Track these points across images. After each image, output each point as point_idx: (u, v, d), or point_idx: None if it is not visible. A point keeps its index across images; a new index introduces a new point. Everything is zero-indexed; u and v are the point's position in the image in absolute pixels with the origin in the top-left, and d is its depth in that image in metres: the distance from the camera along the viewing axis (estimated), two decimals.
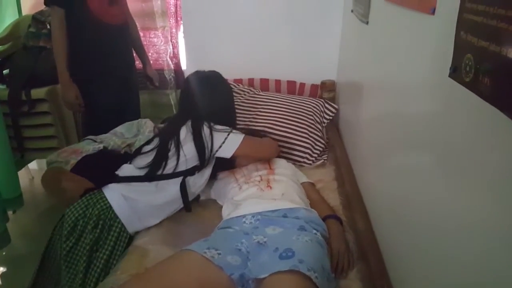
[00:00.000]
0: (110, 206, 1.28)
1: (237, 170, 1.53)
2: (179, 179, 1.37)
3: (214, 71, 1.59)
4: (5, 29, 2.31)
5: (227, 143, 1.40)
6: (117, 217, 1.29)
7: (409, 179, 0.98)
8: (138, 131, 1.55)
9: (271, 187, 1.32)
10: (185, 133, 1.38)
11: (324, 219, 1.27)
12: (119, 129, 1.57)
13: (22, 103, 2.10)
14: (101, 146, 1.42)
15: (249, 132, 1.63)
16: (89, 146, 1.41)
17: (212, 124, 1.41)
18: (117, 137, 1.51)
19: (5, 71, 2.23)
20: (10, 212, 2.26)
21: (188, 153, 1.36)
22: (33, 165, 2.75)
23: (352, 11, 1.85)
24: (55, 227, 1.34)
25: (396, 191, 1.09)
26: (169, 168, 1.35)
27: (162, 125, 1.55)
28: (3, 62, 2.24)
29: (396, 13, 1.11)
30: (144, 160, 1.36)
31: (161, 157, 1.35)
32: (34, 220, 2.31)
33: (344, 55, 2.16)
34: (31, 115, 2.13)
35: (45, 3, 1.79)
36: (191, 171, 1.39)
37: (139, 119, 1.61)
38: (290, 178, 1.44)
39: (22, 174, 2.51)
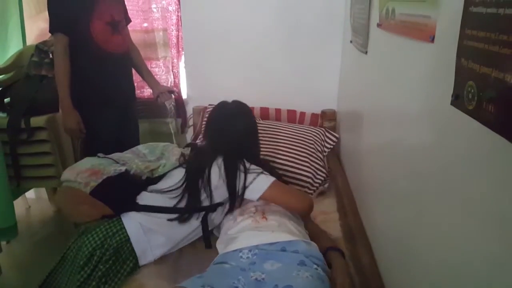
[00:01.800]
0: (129, 239, 1.22)
1: None
2: (201, 213, 1.32)
3: (241, 103, 1.52)
4: (8, 59, 2.33)
5: (255, 184, 1.32)
6: (134, 252, 1.23)
7: (412, 210, 0.95)
8: (162, 154, 1.49)
9: (266, 218, 1.27)
10: (217, 171, 1.31)
11: (325, 252, 1.21)
12: (142, 148, 1.52)
13: (21, 131, 2.09)
14: (123, 168, 1.34)
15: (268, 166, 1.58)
16: (110, 167, 1.34)
17: (247, 164, 1.35)
18: (140, 158, 1.45)
19: (6, 100, 2.24)
20: (3, 243, 2.21)
21: (218, 191, 1.31)
22: (30, 194, 2.72)
23: (351, 41, 1.86)
24: (63, 256, 1.26)
25: (398, 222, 1.05)
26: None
27: (186, 151, 1.50)
28: (5, 90, 2.25)
29: (395, 42, 1.11)
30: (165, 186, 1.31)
31: (192, 196, 1.29)
32: (28, 250, 2.25)
33: (344, 84, 2.16)
34: (29, 143, 2.11)
35: (50, 31, 1.82)
36: (214, 207, 1.33)
37: (166, 143, 1.56)
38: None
39: (19, 203, 2.48)
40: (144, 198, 1.30)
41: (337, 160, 2.10)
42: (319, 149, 1.98)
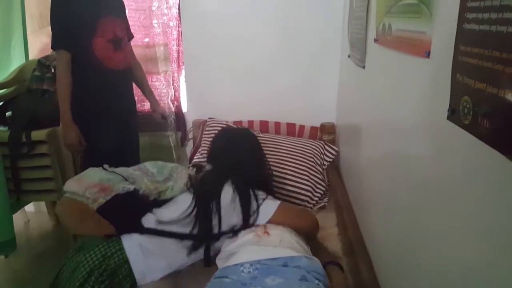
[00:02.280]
0: (127, 260, 1.20)
1: None
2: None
3: (247, 130, 1.57)
4: (11, 73, 2.36)
5: (263, 208, 1.33)
6: (132, 274, 1.21)
7: (411, 222, 0.95)
8: (171, 175, 1.44)
9: (268, 233, 1.27)
10: (228, 197, 1.32)
11: (324, 266, 1.21)
12: (150, 167, 1.48)
13: (22, 145, 2.10)
14: (131, 187, 1.32)
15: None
16: (119, 184, 1.31)
17: (256, 191, 1.36)
18: (148, 177, 1.42)
19: (8, 113, 2.26)
20: (2, 257, 2.20)
21: (227, 217, 1.30)
22: (29, 207, 2.71)
23: (349, 56, 1.89)
24: (58, 274, 1.23)
25: (398, 236, 1.05)
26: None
27: (192, 171, 1.49)
28: (7, 104, 2.27)
29: (392, 57, 1.13)
30: (173, 214, 1.29)
31: (203, 223, 1.28)
32: (27, 265, 2.23)
33: (343, 98, 2.18)
34: (29, 157, 2.12)
35: (52, 47, 1.84)
36: (218, 237, 1.32)
37: (175, 164, 1.52)
38: None
39: (18, 216, 2.47)
40: (149, 220, 1.28)
41: (336, 173, 2.10)
42: (319, 162, 1.99)
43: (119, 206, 1.26)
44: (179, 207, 1.31)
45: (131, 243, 1.22)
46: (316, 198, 1.83)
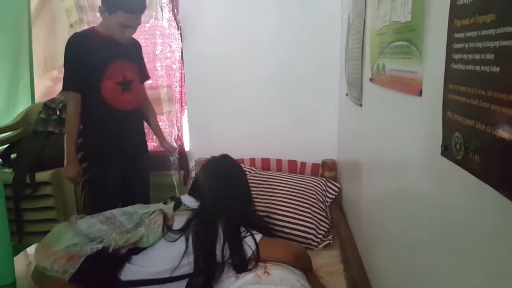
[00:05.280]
0: None
1: None
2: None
3: (233, 162, 1.56)
4: (17, 116, 2.41)
5: (244, 245, 1.33)
6: None
7: (414, 260, 0.94)
8: (142, 220, 1.38)
9: (268, 273, 1.25)
10: (220, 241, 1.31)
11: None
12: (118, 215, 1.41)
13: (26, 186, 2.11)
14: (100, 246, 1.26)
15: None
16: (87, 247, 1.25)
17: (242, 228, 1.36)
18: (117, 229, 1.34)
19: (13, 155, 2.29)
20: None
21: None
22: (31, 249, 2.67)
23: (347, 94, 1.94)
24: None
25: (402, 273, 1.04)
26: (185, 269, 1.28)
27: (169, 206, 1.44)
28: (12, 146, 2.31)
29: (387, 96, 1.17)
30: (161, 264, 1.26)
31: (209, 269, 1.27)
32: None
33: (343, 135, 2.21)
34: (33, 198, 2.13)
35: (64, 88, 1.93)
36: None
37: (147, 211, 1.43)
38: None
39: (19, 259, 2.43)
40: (128, 272, 1.25)
41: (339, 210, 2.09)
42: (321, 199, 1.98)
43: (92, 268, 1.23)
44: (164, 255, 1.28)
45: None
46: (321, 236, 1.81)
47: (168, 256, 1.28)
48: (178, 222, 1.36)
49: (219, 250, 1.30)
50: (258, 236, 1.35)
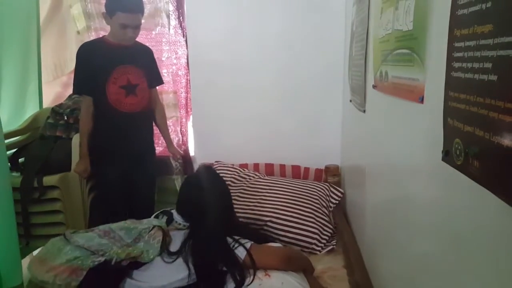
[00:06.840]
0: None
1: None
2: None
3: (215, 176, 1.56)
4: (25, 121, 2.46)
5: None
6: None
7: (417, 264, 0.95)
8: (140, 235, 1.36)
9: (269, 276, 1.27)
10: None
11: None
12: (117, 229, 1.40)
13: (34, 190, 2.14)
14: (102, 259, 1.26)
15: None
16: (88, 260, 1.25)
17: (230, 240, 1.36)
18: (117, 243, 1.34)
19: (21, 160, 2.32)
20: None
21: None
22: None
23: (350, 101, 1.96)
24: None
25: (405, 278, 1.05)
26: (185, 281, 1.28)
27: (162, 220, 1.45)
28: (20, 151, 2.34)
29: (390, 102, 1.19)
30: (162, 281, 1.27)
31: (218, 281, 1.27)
32: None
33: (346, 140, 2.23)
34: (41, 202, 2.16)
35: (75, 92, 2.06)
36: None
37: (146, 226, 1.41)
38: None
39: (26, 262, 2.44)
40: (130, 286, 1.27)
41: (343, 215, 2.10)
42: (325, 204, 2.00)
43: (95, 281, 1.23)
44: (165, 274, 1.29)
45: None
46: (324, 241, 1.82)
47: (168, 274, 1.29)
48: (173, 240, 1.37)
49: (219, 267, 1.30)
50: (248, 244, 1.34)
